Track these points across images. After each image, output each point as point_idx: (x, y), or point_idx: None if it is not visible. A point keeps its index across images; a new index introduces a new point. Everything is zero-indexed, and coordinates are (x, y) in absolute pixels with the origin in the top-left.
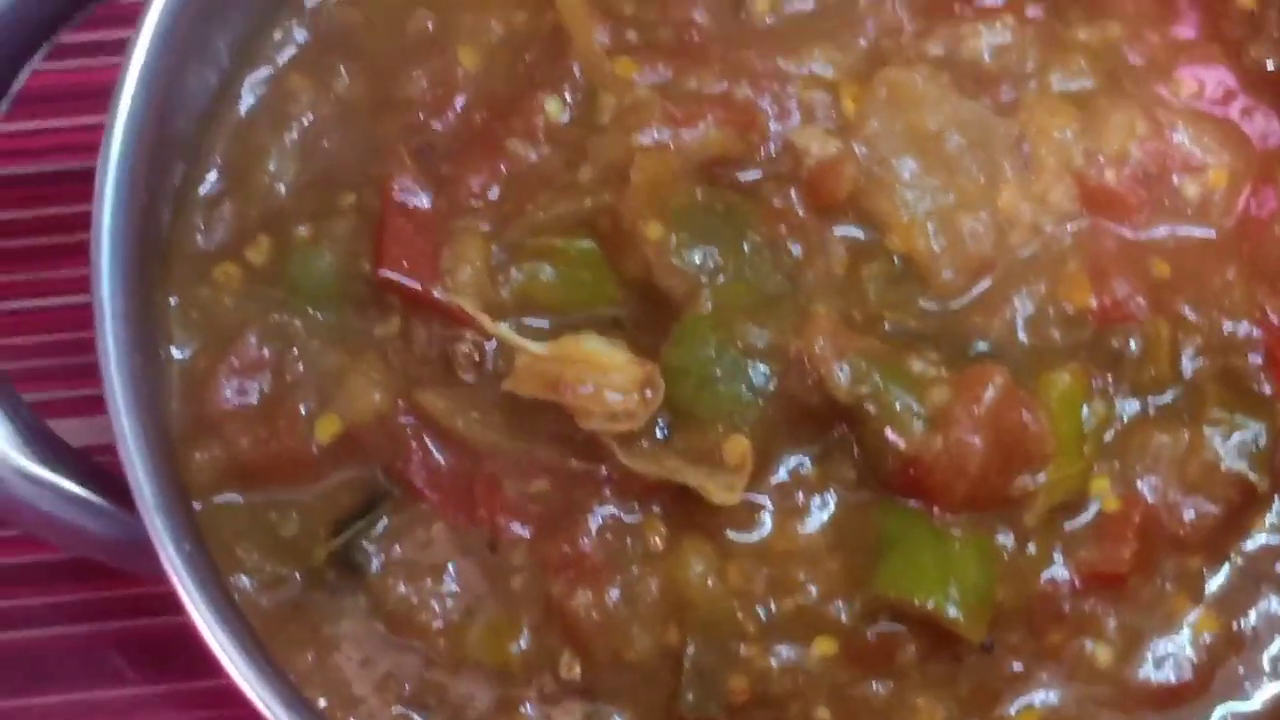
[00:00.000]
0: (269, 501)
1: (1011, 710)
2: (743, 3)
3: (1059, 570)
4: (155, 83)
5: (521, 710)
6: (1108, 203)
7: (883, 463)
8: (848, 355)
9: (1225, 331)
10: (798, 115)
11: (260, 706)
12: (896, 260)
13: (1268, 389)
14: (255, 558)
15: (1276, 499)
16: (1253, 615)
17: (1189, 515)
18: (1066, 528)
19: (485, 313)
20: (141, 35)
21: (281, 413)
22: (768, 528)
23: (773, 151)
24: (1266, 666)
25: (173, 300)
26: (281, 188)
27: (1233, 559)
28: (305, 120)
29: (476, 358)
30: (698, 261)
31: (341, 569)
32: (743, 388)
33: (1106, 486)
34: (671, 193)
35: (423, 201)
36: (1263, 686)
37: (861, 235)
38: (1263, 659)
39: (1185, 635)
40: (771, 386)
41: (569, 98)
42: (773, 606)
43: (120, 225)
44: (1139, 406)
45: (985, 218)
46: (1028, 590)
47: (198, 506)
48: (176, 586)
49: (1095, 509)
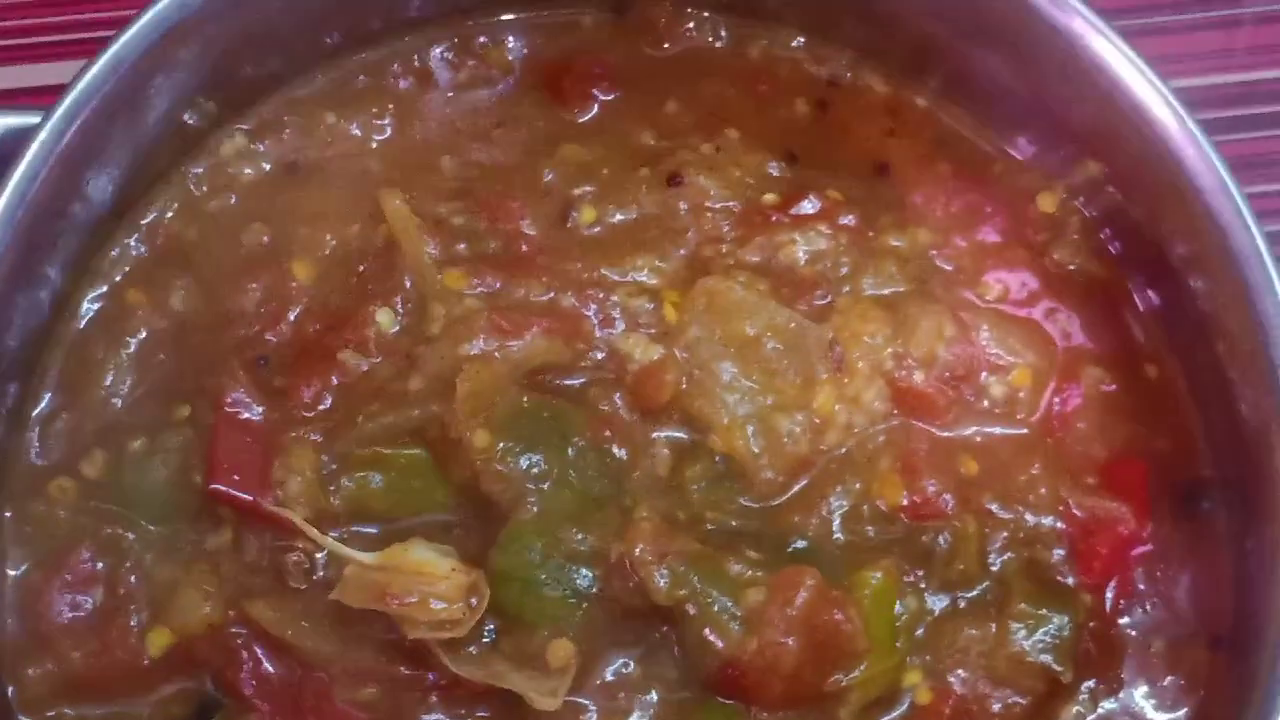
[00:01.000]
0: (101, 714)
1: None
2: (568, 214)
3: None
4: None
5: None
6: (917, 403)
7: (702, 663)
8: (668, 559)
9: (1030, 526)
10: (621, 322)
11: None
12: (718, 460)
13: (1071, 580)
14: None
15: (1081, 688)
16: None
17: (997, 707)
18: None
19: (316, 521)
20: None
21: (113, 626)
22: None
23: (598, 358)
24: None
25: (7, 514)
26: (117, 401)
27: None
28: (141, 334)
29: (307, 567)
30: (524, 467)
31: None
32: (566, 592)
33: (919, 679)
34: (498, 401)
35: (255, 414)
36: None
37: (685, 437)
38: None
39: None
40: (595, 590)
41: (400, 309)
42: None
43: None
44: (949, 601)
45: (802, 419)
46: None
47: None
48: None
49: (908, 701)
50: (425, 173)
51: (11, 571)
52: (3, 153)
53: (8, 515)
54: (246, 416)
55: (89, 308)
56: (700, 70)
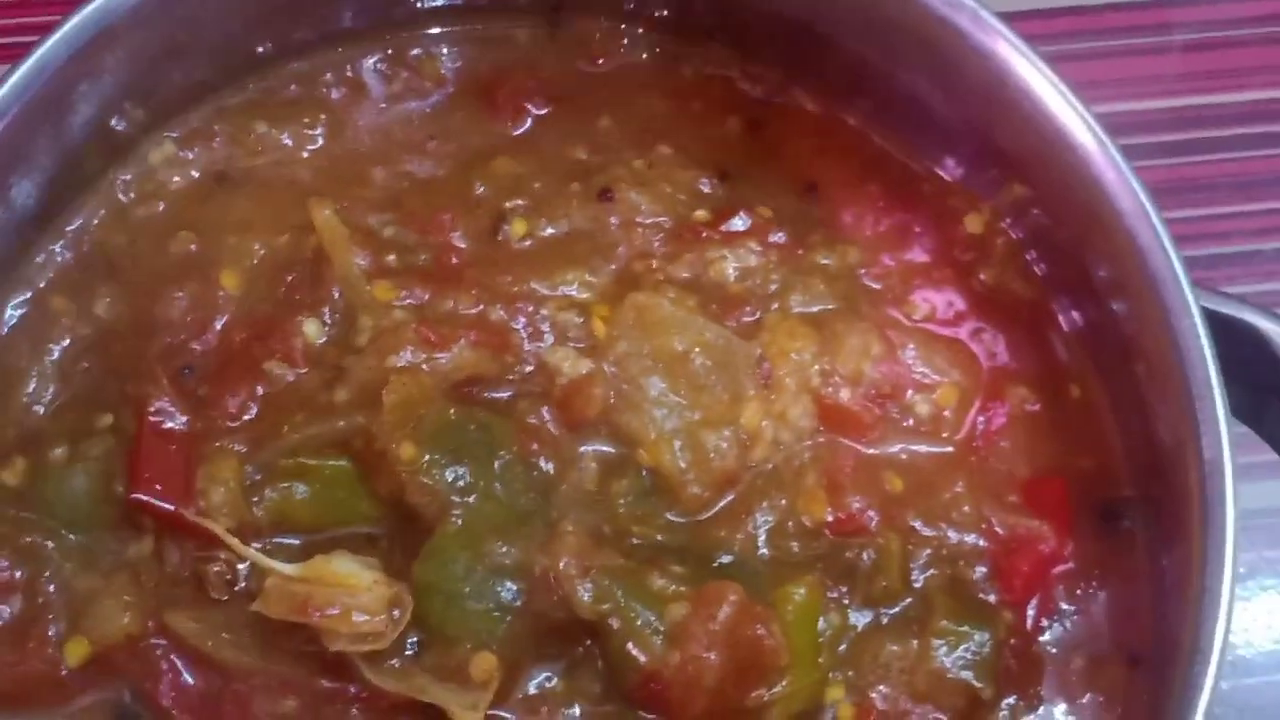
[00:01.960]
0: None
1: None
2: (500, 227)
3: None
4: None
5: None
6: (843, 420)
7: (625, 677)
8: (592, 573)
9: (953, 543)
10: (550, 336)
11: None
12: (645, 475)
13: (993, 598)
14: None
15: (1001, 705)
16: None
17: None
18: None
19: (239, 532)
20: None
21: (31, 635)
22: None
23: (526, 371)
24: None
25: None
26: (39, 409)
27: None
28: (65, 341)
29: (229, 578)
30: (450, 480)
31: None
32: (490, 605)
33: (841, 695)
34: (425, 413)
35: (179, 423)
36: None
37: (612, 451)
38: None
39: None
40: (519, 603)
41: (328, 319)
42: None
43: None
44: (872, 617)
45: (729, 434)
46: None
47: None
48: None
49: (830, 716)
50: (356, 184)
51: None
52: None
53: None
54: (170, 426)
55: (12, 314)
56: (633, 87)
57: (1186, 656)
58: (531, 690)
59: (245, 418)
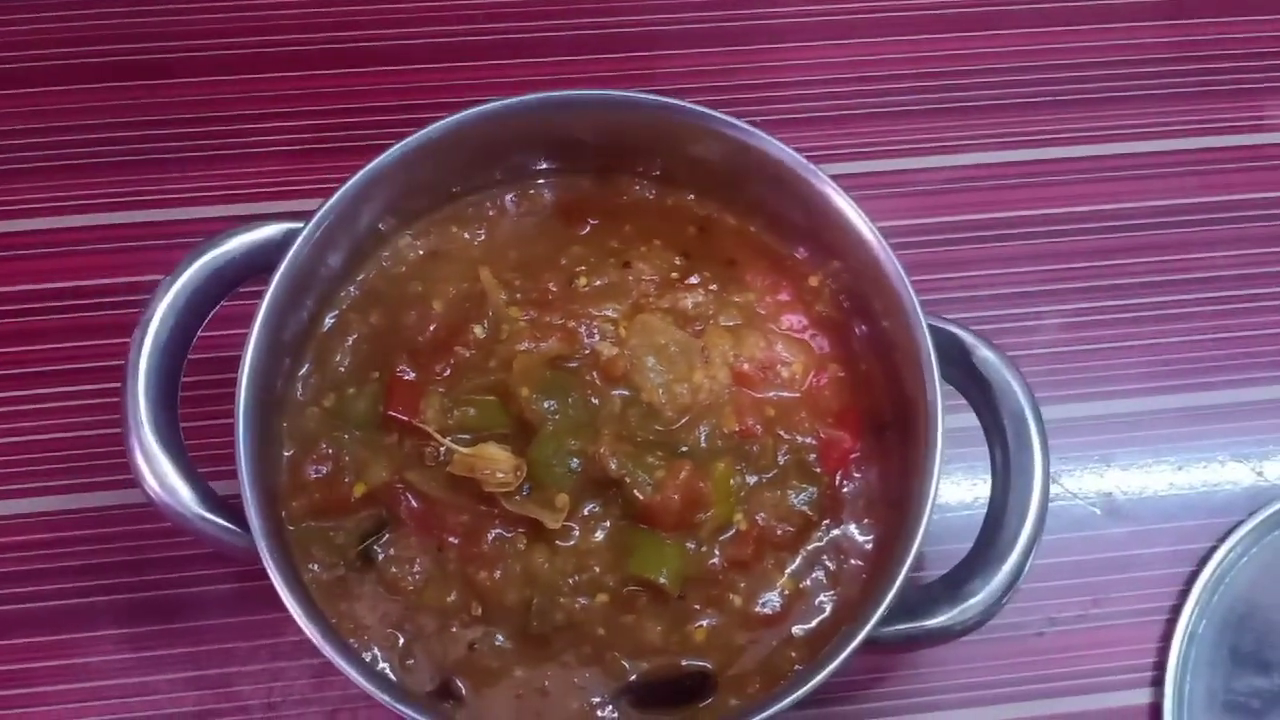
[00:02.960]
0: (329, 525)
1: (692, 628)
2: (574, 280)
3: (716, 559)
4: (270, 323)
5: (451, 630)
6: (745, 379)
7: (633, 507)
8: (616, 454)
9: (800, 443)
10: (598, 335)
11: (308, 632)
12: (645, 406)
13: (818, 470)
14: (320, 554)
15: (821, 524)
16: (809, 581)
17: (780, 531)
18: (721, 538)
19: (441, 431)
20: (264, 305)
21: (337, 481)
22: (576, 538)
23: (585, 353)
24: (815, 605)
25: (284, 425)
26: (342, 369)
27: (801, 553)
28: (354, 335)
29: (436, 454)
30: (545, 407)
31: (364, 561)
32: (565, 470)
33: (740, 517)
34: (534, 373)
35: (411, 377)
36: (813, 617)
37: (628, 394)
38: (814, 603)
39: (777, 590)
40: (579, 469)
41: (485, 325)
42: (576, 578)
43: (252, 392)
44: (757, 479)
45: (687, 387)
46: (701, 569)
47: (292, 529)
48: (270, 572)
49: (735, 528)
50: (501, 258)
51: (286, 452)
52: (285, 241)
53: (285, 425)
54: (407, 378)
55: (329, 321)
56: (640, 210)
57: (917, 501)
58: (584, 513)
59: (444, 374)
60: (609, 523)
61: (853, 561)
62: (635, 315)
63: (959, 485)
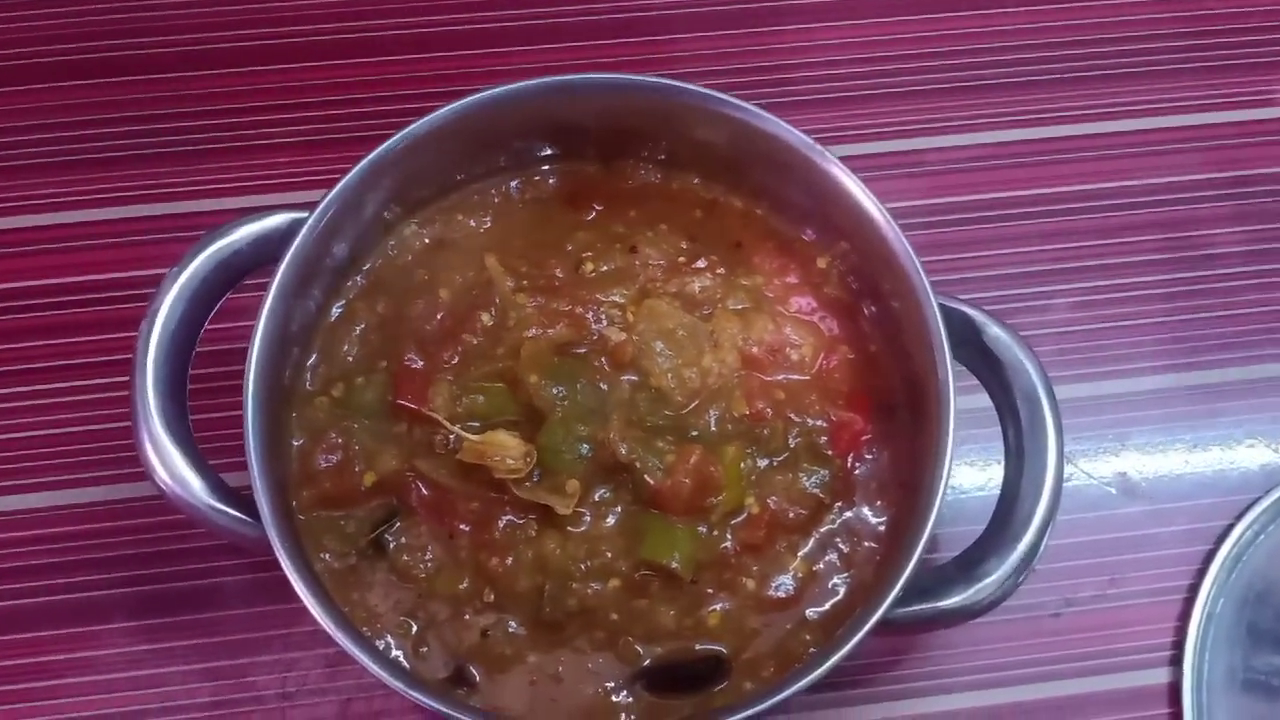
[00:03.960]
0: (339, 515)
1: (705, 613)
2: (580, 266)
3: (728, 543)
4: (277, 313)
5: (464, 617)
6: (754, 362)
7: (643, 492)
8: (626, 440)
9: (810, 426)
10: (605, 320)
11: (321, 621)
12: (654, 391)
13: (830, 452)
14: (332, 544)
15: (834, 506)
16: (822, 564)
17: (792, 514)
18: (732, 522)
19: (450, 419)
20: (270, 295)
21: (346, 470)
22: (587, 524)
23: (593, 339)
24: (829, 588)
25: (293, 415)
26: (350, 358)
27: (813, 535)
28: (362, 325)
29: (445, 442)
30: (554, 393)
31: (375, 549)
32: (575, 456)
33: (752, 500)
34: (542, 359)
35: (419, 365)
36: (827, 600)
37: (636, 379)
38: (827, 585)
39: (790, 573)
40: (589, 455)
41: (493, 312)
42: (588, 564)
43: (260, 382)
44: (769, 462)
45: (696, 371)
46: (713, 554)
47: (302, 519)
48: (281, 561)
49: (746, 512)
50: (507, 245)
51: (295, 442)
52: (290, 230)
53: (294, 415)
54: (415, 366)
55: (335, 311)
56: (646, 194)
57: (930, 480)
58: (595, 498)
59: (453, 362)
60: (620, 508)
61: (866, 544)
62: (643, 300)
63: (971, 467)
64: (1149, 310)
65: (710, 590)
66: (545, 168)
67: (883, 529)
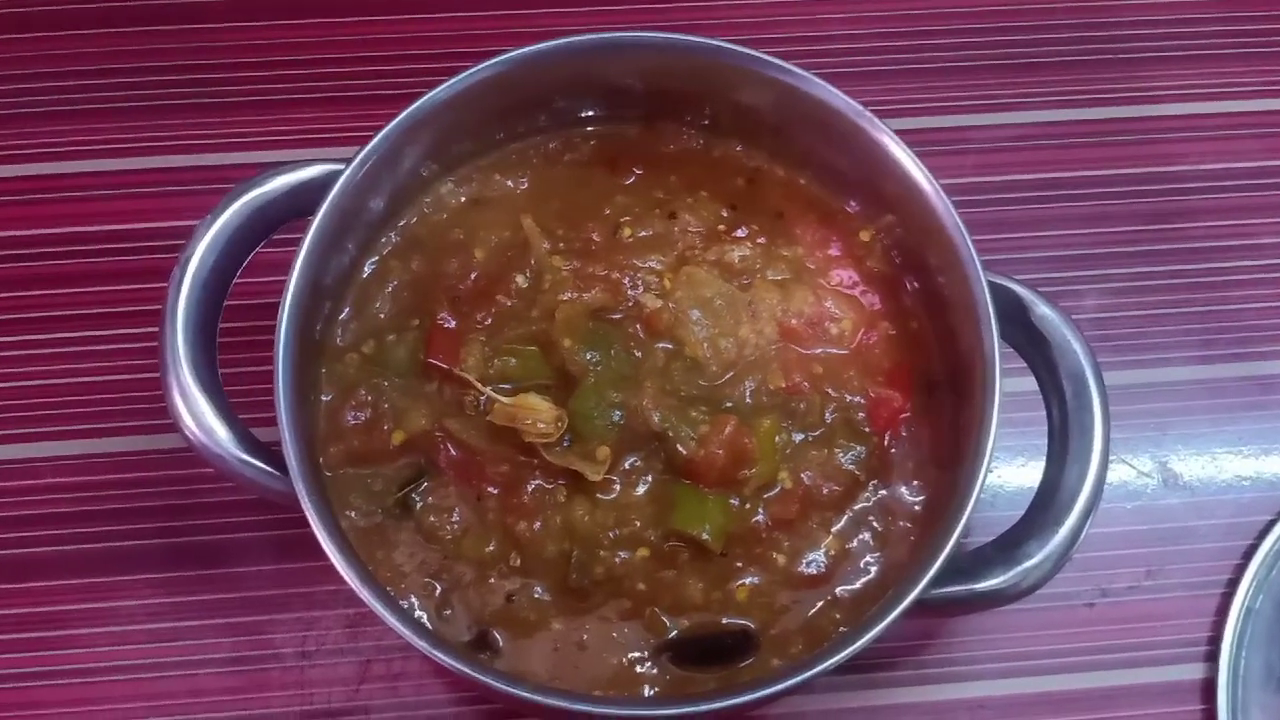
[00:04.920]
0: (367, 472)
1: (734, 586)
2: (618, 231)
3: (760, 517)
4: (311, 264)
5: (490, 581)
6: (793, 335)
7: (675, 461)
8: (660, 408)
9: (848, 401)
10: (642, 287)
11: (345, 577)
12: (689, 360)
13: (867, 429)
14: (358, 502)
15: (869, 484)
16: (855, 542)
17: (826, 491)
18: (765, 496)
19: (481, 380)
20: (305, 244)
21: (375, 428)
22: (617, 492)
23: (629, 305)
24: (861, 567)
25: (323, 371)
26: (382, 315)
27: (847, 513)
28: (395, 283)
29: (476, 403)
30: (588, 358)
31: (402, 509)
32: (607, 422)
33: (785, 475)
34: (577, 323)
35: (452, 325)
36: (858, 579)
37: (671, 347)
38: (859, 564)
39: (822, 550)
40: (621, 422)
41: (528, 275)
42: (617, 532)
43: (292, 333)
44: (804, 436)
45: (732, 341)
46: (744, 527)
47: (329, 475)
48: (309, 516)
49: (780, 486)
50: (544, 206)
51: (324, 398)
52: (327, 182)
53: (323, 371)
54: (448, 326)
55: (369, 268)
56: (687, 159)
57: (971, 459)
58: (626, 466)
59: (486, 323)
60: (650, 477)
61: (901, 523)
62: (680, 267)
63: (1008, 450)
64: (1195, 299)
65: (740, 564)
66: (586, 129)
67: (919, 509)
